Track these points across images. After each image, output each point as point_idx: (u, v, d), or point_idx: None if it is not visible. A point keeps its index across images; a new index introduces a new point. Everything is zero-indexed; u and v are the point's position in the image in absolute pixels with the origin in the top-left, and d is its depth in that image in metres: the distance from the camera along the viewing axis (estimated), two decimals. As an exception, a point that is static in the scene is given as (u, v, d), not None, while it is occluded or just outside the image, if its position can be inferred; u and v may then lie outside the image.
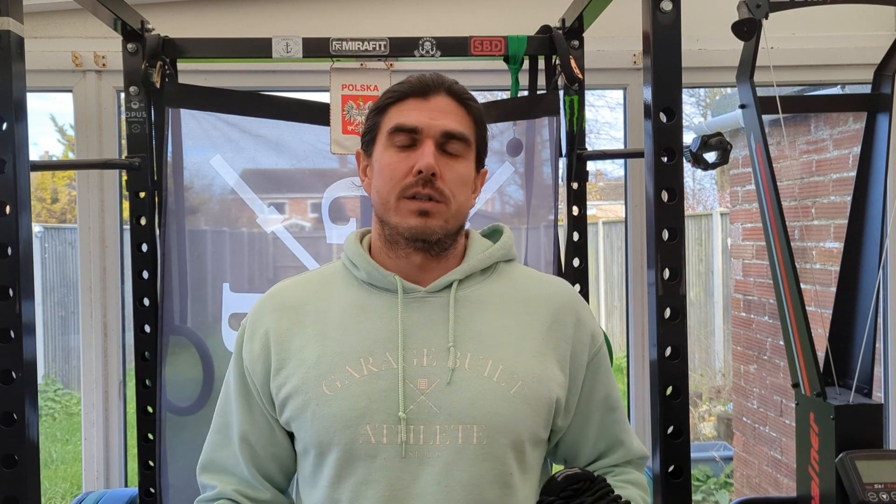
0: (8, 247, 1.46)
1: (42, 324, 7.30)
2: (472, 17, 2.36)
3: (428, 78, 1.20)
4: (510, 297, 1.23)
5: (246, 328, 1.26)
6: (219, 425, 1.28)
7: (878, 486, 1.54)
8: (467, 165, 1.20)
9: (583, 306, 1.29)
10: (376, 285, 1.21)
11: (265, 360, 1.20)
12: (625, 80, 2.41)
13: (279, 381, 1.19)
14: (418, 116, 1.17)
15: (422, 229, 1.16)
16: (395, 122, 1.18)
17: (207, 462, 1.27)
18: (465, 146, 1.20)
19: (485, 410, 1.13)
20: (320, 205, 2.17)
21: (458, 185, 1.18)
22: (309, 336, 1.19)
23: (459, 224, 1.21)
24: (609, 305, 8.83)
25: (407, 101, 1.19)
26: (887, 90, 1.89)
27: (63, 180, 9.43)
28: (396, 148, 1.18)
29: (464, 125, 1.20)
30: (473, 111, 1.22)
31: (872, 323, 1.79)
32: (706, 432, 6.36)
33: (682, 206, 1.55)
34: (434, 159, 1.15)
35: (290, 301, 1.24)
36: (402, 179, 1.16)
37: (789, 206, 3.58)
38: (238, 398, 1.24)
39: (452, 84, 1.21)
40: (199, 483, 1.28)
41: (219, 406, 1.29)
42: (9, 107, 1.46)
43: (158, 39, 2.01)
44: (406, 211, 1.16)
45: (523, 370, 1.17)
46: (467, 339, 1.17)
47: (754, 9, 1.71)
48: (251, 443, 1.23)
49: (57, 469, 5.86)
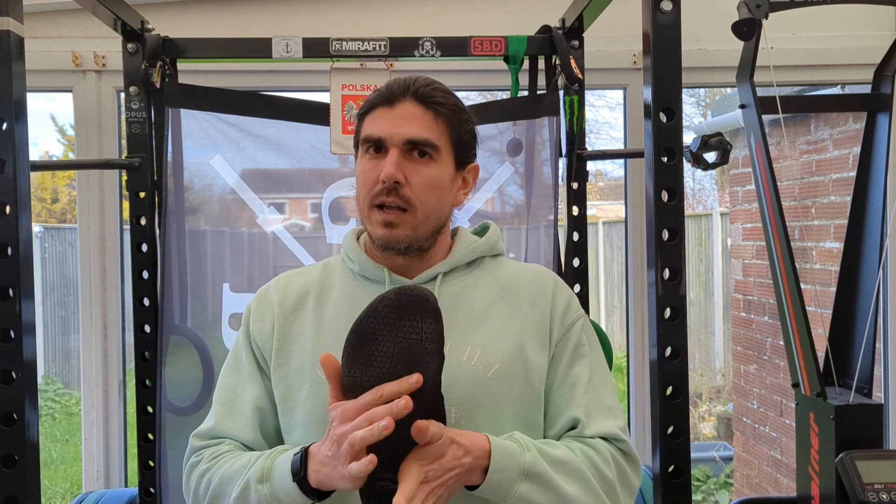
0: (8, 247, 1.46)
1: (42, 324, 7.30)
2: (471, 17, 2.36)
3: (395, 84, 1.21)
4: (492, 287, 1.27)
5: (252, 309, 1.31)
6: (224, 398, 1.28)
7: (878, 486, 1.54)
8: (438, 168, 1.21)
9: (558, 285, 1.30)
10: (368, 277, 1.26)
11: (271, 337, 1.26)
12: (625, 80, 2.41)
13: (279, 360, 1.25)
14: (383, 125, 1.20)
15: (388, 239, 1.20)
16: (364, 133, 1.22)
17: (209, 430, 1.27)
18: (434, 150, 1.20)
19: (461, 393, 1.17)
20: (320, 205, 2.18)
21: (427, 189, 1.19)
22: (308, 322, 1.25)
23: (433, 227, 1.23)
24: (609, 305, 8.83)
25: (376, 111, 1.22)
26: (887, 90, 1.89)
27: (63, 180, 9.43)
28: (369, 156, 1.22)
29: (429, 129, 1.20)
30: (442, 112, 1.21)
31: (872, 323, 1.79)
32: (706, 432, 6.36)
33: (682, 206, 1.55)
34: (396, 168, 1.17)
35: (295, 288, 1.30)
36: (372, 187, 1.19)
37: (789, 206, 3.58)
38: (251, 372, 1.28)
39: (421, 87, 1.21)
40: (194, 446, 1.27)
41: (224, 382, 1.30)
42: (9, 107, 1.46)
43: (158, 39, 2.01)
44: (375, 221, 1.20)
45: (501, 354, 1.20)
46: (450, 328, 1.18)
47: (754, 9, 1.71)
48: (263, 412, 1.26)
49: (57, 469, 5.86)
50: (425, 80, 1.22)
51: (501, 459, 1.11)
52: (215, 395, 1.31)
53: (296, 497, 1.10)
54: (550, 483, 1.12)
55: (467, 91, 4.27)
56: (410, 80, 1.22)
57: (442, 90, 1.23)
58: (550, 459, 1.14)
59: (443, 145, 1.21)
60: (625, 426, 1.26)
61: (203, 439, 1.27)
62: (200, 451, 1.26)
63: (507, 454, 1.11)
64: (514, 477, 1.11)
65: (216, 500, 1.20)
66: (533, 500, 1.12)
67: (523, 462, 1.11)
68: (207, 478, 1.21)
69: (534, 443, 1.15)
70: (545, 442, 1.19)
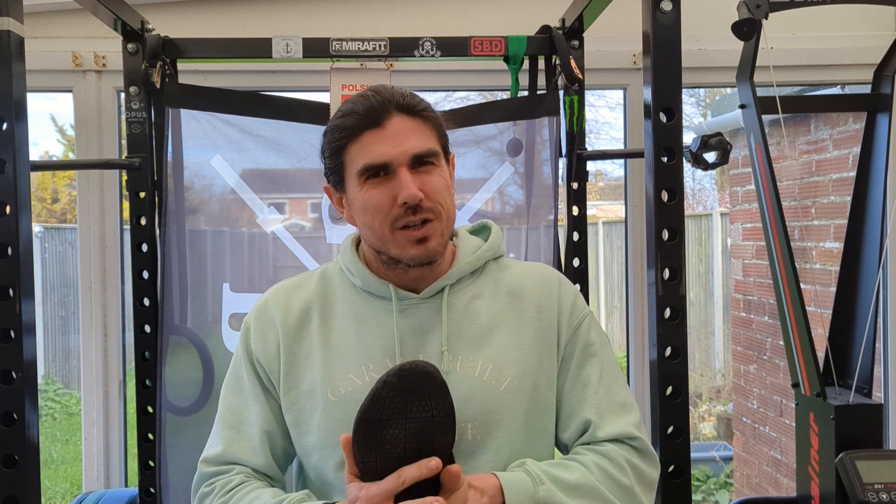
0: (8, 247, 1.46)
1: (42, 324, 7.30)
2: (471, 17, 2.36)
3: (374, 101, 1.16)
4: (497, 294, 1.26)
5: (252, 327, 1.27)
6: (230, 421, 1.26)
7: (878, 486, 1.54)
8: (441, 171, 1.21)
9: (563, 283, 1.30)
10: (373, 293, 1.24)
11: (278, 358, 1.24)
12: (625, 80, 2.41)
13: (288, 383, 1.23)
14: (383, 148, 1.15)
15: (424, 255, 1.18)
16: (363, 163, 1.16)
17: (219, 455, 1.24)
18: (435, 157, 1.20)
19: (476, 409, 1.17)
20: (320, 205, 2.18)
21: (443, 193, 1.19)
22: (315, 342, 1.23)
23: (452, 229, 1.24)
24: (609, 305, 8.82)
25: (364, 136, 1.16)
26: (887, 90, 1.89)
27: (63, 180, 9.43)
28: (372, 182, 1.17)
29: (427, 138, 1.18)
30: (429, 117, 1.20)
31: (872, 323, 1.78)
32: (706, 432, 6.36)
33: (682, 206, 1.55)
34: (414, 185, 1.14)
35: (296, 303, 1.26)
36: (389, 211, 1.16)
37: (789, 206, 3.58)
38: (254, 393, 1.25)
39: (400, 99, 1.17)
40: (204, 472, 1.25)
41: (228, 403, 1.28)
42: (9, 107, 1.46)
43: (158, 39, 2.01)
44: (404, 242, 1.17)
45: (512, 366, 1.21)
46: (459, 342, 1.20)
47: (754, 9, 1.71)
48: (271, 436, 1.24)
49: (57, 469, 5.86)
50: (399, 91, 1.18)
51: (516, 498, 1.10)
52: (220, 417, 1.28)
53: None
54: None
55: (467, 91, 4.28)
56: (385, 94, 1.17)
57: (414, 95, 1.20)
58: (564, 486, 1.14)
59: (439, 151, 1.21)
60: (639, 421, 1.25)
61: (213, 465, 1.24)
62: (212, 480, 1.24)
63: (521, 491, 1.11)
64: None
65: None
66: None
67: (537, 497, 1.11)
68: None
69: (546, 471, 1.15)
70: (558, 464, 1.18)
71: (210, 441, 1.28)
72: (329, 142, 1.20)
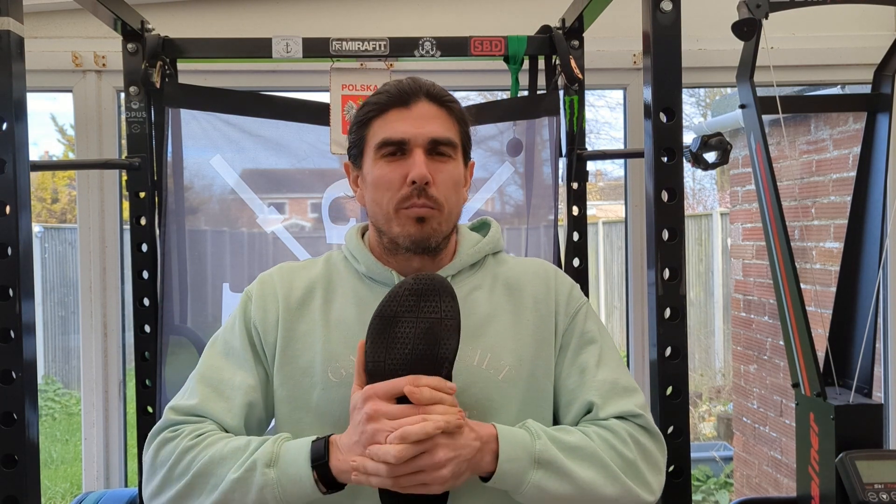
0: (8, 247, 1.46)
1: (42, 324, 7.30)
2: (471, 17, 2.36)
3: (406, 85, 1.21)
4: (496, 286, 1.28)
5: (254, 295, 1.27)
6: (210, 379, 1.22)
7: (878, 486, 1.54)
8: (456, 165, 1.23)
9: (559, 276, 1.32)
10: (375, 279, 1.25)
11: (276, 330, 1.24)
12: (625, 80, 2.41)
13: (284, 358, 1.23)
14: (404, 127, 1.19)
15: (420, 236, 1.19)
16: (382, 137, 1.20)
17: (191, 407, 1.20)
18: (453, 148, 1.22)
19: (475, 398, 1.18)
20: (320, 205, 2.18)
21: (451, 187, 1.21)
22: (316, 321, 1.24)
23: (452, 225, 1.25)
24: (609, 305, 8.82)
25: (389, 113, 1.20)
26: (887, 90, 1.89)
27: (63, 180, 9.43)
28: (386, 160, 1.20)
29: (448, 128, 1.22)
30: (455, 111, 1.23)
31: (872, 323, 1.78)
32: (706, 432, 6.36)
33: (682, 206, 1.55)
34: (426, 167, 1.17)
35: (300, 282, 1.28)
36: (398, 190, 1.18)
37: (789, 206, 3.58)
38: (244, 359, 1.23)
39: (430, 87, 1.22)
40: (171, 419, 1.20)
41: (211, 362, 1.25)
42: (9, 107, 1.46)
43: (158, 39, 2.01)
44: (405, 219, 1.19)
45: (510, 356, 1.21)
46: None
47: (754, 9, 1.71)
48: (252, 406, 1.22)
49: (57, 469, 5.86)
50: (432, 83, 1.23)
51: (511, 448, 1.10)
52: (198, 373, 1.24)
53: (305, 484, 1.08)
54: (564, 470, 1.11)
55: (467, 91, 4.28)
56: (419, 82, 1.22)
57: (445, 90, 1.24)
58: (563, 446, 1.13)
59: (458, 143, 1.23)
60: (643, 402, 1.24)
61: (181, 414, 1.20)
62: (177, 426, 1.19)
63: (516, 443, 1.11)
64: (525, 466, 1.10)
65: (200, 478, 1.12)
66: (548, 489, 1.11)
67: (534, 450, 1.11)
68: (191, 455, 1.13)
69: (546, 430, 1.15)
70: (559, 428, 1.19)
71: (182, 392, 1.24)
72: (357, 115, 1.26)
